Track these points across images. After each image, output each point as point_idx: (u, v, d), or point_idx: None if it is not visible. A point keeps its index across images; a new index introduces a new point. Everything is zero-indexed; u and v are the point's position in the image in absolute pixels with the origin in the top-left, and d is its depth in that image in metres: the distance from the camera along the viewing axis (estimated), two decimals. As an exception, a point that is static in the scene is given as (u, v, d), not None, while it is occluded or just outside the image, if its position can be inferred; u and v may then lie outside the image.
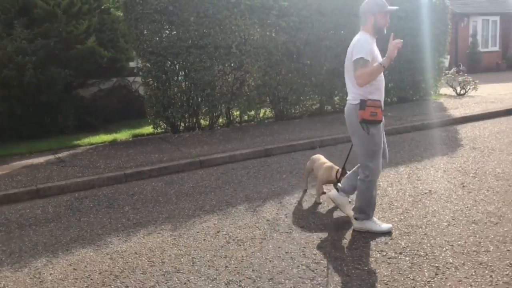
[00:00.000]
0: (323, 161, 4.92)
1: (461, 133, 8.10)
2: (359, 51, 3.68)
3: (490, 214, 4.21)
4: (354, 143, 4.00)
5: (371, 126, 3.76)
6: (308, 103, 10.55)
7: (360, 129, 3.80)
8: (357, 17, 10.35)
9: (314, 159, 5.09)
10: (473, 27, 22.38)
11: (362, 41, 3.76)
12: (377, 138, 3.83)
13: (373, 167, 3.86)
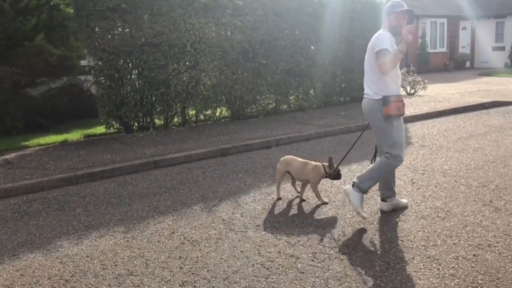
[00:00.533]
0: (302, 161, 4.80)
1: (411, 131, 8.38)
2: (381, 43, 3.96)
3: (438, 209, 4.38)
4: (376, 133, 4.24)
5: (394, 119, 4.03)
6: (264, 102, 10.62)
7: (383, 123, 4.06)
8: (312, 17, 10.50)
9: (287, 160, 4.88)
10: (422, 29, 23.19)
11: (382, 36, 4.04)
12: (400, 129, 4.12)
13: (397, 155, 4.10)
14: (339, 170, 4.61)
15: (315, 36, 10.50)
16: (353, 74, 11.54)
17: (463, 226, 3.95)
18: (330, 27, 10.66)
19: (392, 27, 4.08)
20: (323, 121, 9.22)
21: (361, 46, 11.25)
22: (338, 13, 10.72)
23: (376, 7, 11.45)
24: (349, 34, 11.09)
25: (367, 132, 8.02)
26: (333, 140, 7.92)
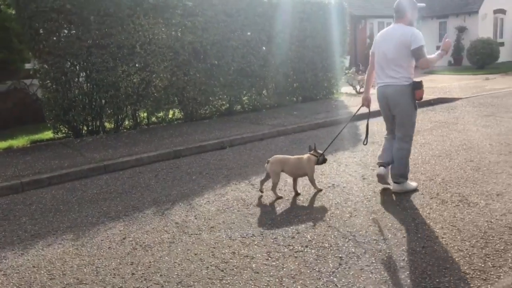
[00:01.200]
0: (295, 157, 4.96)
1: (361, 128, 8.56)
2: (419, 40, 4.44)
3: (388, 203, 4.49)
4: (401, 118, 4.70)
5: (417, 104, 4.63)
6: (217, 103, 10.57)
7: (411, 106, 4.59)
8: (262, 18, 10.53)
9: (281, 160, 4.88)
10: (370, 29, 23.79)
11: (416, 32, 4.49)
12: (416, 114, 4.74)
13: (413, 136, 4.79)
14: (324, 155, 4.96)
15: (266, 36, 10.56)
16: (304, 74, 11.69)
17: (412, 219, 4.07)
18: (280, 28, 10.75)
19: (411, 21, 4.64)
20: (277, 121, 9.28)
21: (312, 46, 11.47)
22: (288, 14, 10.82)
23: (325, 8, 11.66)
24: (300, 34, 11.22)
25: (320, 131, 8.14)
26: (286, 139, 7.98)
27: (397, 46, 4.51)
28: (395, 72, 4.57)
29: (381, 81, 4.77)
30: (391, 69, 4.59)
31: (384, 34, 4.76)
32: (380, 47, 4.70)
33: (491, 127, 7.95)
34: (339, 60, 12.43)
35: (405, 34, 4.49)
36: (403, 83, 4.55)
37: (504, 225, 3.82)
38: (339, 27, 12.12)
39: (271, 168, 4.80)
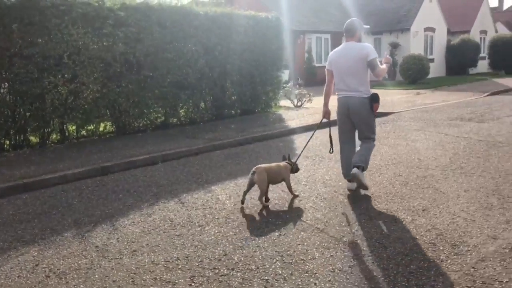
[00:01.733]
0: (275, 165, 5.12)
1: (296, 142, 8.60)
2: (373, 52, 5.01)
3: (318, 220, 4.45)
4: (364, 126, 5.22)
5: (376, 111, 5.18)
6: (152, 116, 10.27)
7: (370, 115, 5.16)
8: (198, 30, 10.38)
9: (266, 169, 4.92)
10: (308, 44, 24.30)
11: (370, 46, 5.12)
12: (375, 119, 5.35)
13: (375, 137, 5.37)
14: (297, 164, 5.32)
15: (203, 49, 10.41)
16: (242, 87, 11.64)
17: (340, 236, 4.04)
18: (218, 41, 10.66)
19: (359, 39, 5.22)
20: (213, 135, 9.13)
21: (250, 60, 11.46)
22: (225, 27, 10.76)
23: (262, 22, 11.71)
24: (238, 48, 11.17)
25: (257, 145, 8.07)
26: (222, 153, 7.84)
27: (357, 61, 5.03)
28: (356, 85, 5.08)
29: (343, 93, 5.26)
30: (352, 82, 5.10)
31: (340, 52, 5.22)
32: (338, 64, 5.19)
33: (420, 141, 8.22)
34: (276, 74, 12.50)
35: (361, 49, 5.03)
36: (363, 95, 5.08)
37: (428, 241, 3.87)
38: (276, 41, 12.21)
39: (258, 177, 4.81)
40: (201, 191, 5.60)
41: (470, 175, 5.91)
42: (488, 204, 4.76)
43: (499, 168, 6.18)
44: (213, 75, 10.79)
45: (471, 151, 7.26)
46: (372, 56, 4.96)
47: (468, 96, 15.78)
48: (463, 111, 11.96)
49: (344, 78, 5.14)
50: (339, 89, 5.30)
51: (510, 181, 5.55)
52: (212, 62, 10.68)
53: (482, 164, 6.44)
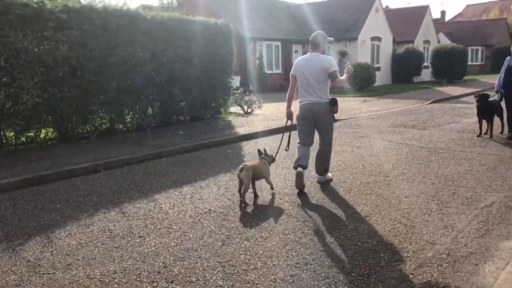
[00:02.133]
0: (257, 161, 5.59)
1: (245, 149, 8.57)
2: (335, 65, 5.64)
3: (262, 229, 4.41)
4: (326, 127, 5.85)
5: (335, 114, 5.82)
6: (97, 122, 9.94)
7: (331, 118, 5.82)
8: (145, 35, 10.15)
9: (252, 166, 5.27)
10: (259, 51, 24.43)
11: (332, 59, 5.77)
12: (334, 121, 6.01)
13: (332, 140, 6.03)
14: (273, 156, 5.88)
15: (150, 54, 10.21)
16: (191, 93, 11.51)
17: (283, 245, 4.01)
18: (165, 46, 10.48)
19: (324, 51, 5.76)
20: (160, 141, 8.93)
21: (199, 66, 11.35)
22: (173, 32, 10.60)
23: (211, 28, 11.63)
24: (186, 53, 11.04)
25: (205, 152, 7.95)
26: (168, 161, 7.67)
27: (319, 71, 5.57)
28: (318, 92, 5.64)
29: (306, 99, 5.75)
30: (314, 89, 5.64)
31: (305, 61, 5.76)
32: (302, 72, 5.69)
33: (364, 148, 8.39)
34: (226, 80, 12.45)
35: (324, 61, 5.61)
36: (325, 100, 5.69)
37: (369, 248, 3.91)
38: (226, 47, 12.16)
39: (246, 174, 5.08)
40: (144, 200, 5.44)
41: (411, 181, 6.07)
42: (427, 210, 4.89)
43: (439, 174, 6.39)
44: (161, 80, 10.60)
45: (413, 158, 7.47)
46: (333, 69, 5.57)
47: (412, 104, 16.34)
48: (407, 118, 12.35)
49: (308, 85, 5.67)
50: (302, 95, 5.78)
51: (449, 187, 5.74)
52: (159, 68, 10.49)
53: (423, 170, 6.64)
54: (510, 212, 4.77)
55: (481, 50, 42.57)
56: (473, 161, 7.15)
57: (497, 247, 3.88)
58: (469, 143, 8.58)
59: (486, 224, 4.43)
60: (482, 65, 41.90)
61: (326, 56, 5.73)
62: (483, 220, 4.53)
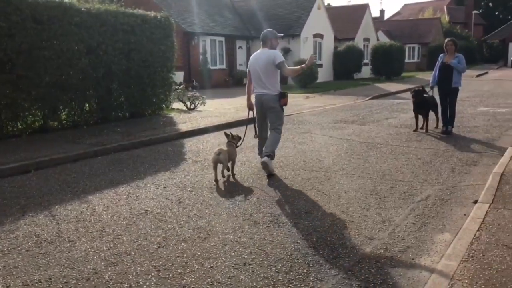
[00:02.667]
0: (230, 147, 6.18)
1: (186, 147, 8.36)
2: (280, 57, 6.14)
3: (201, 229, 4.27)
4: (275, 117, 6.34)
5: (284, 106, 6.36)
6: (29, 119, 9.38)
7: (279, 109, 6.32)
8: (80, 28, 9.67)
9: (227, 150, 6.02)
10: (203, 46, 24.11)
11: (277, 52, 6.24)
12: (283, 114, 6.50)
13: (281, 128, 6.47)
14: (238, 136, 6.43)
15: (86, 47, 9.73)
16: (131, 88, 11.12)
17: (222, 245, 3.90)
18: (102, 39, 10.04)
19: (273, 46, 6.28)
20: (96, 139, 8.55)
21: (138, 60, 10.99)
22: (110, 25, 10.16)
23: (151, 22, 11.26)
24: (124, 47, 10.63)
25: (144, 150, 7.69)
26: (104, 159, 7.34)
27: (267, 65, 6.12)
28: (268, 85, 6.20)
29: (258, 91, 6.36)
30: (264, 82, 6.20)
31: (255, 56, 6.35)
32: (254, 66, 6.28)
33: (306, 143, 8.43)
34: (168, 76, 12.12)
35: (270, 55, 6.15)
36: (274, 93, 6.23)
37: (309, 246, 3.87)
38: (166, 42, 11.81)
39: (224, 157, 5.87)
40: (76, 201, 5.14)
41: (350, 176, 6.13)
42: (366, 205, 4.94)
43: (377, 169, 6.50)
44: (98, 75, 10.13)
45: (353, 153, 7.58)
46: (278, 60, 6.09)
47: (352, 100, 16.70)
48: (347, 114, 12.58)
49: (258, 78, 6.25)
50: (255, 87, 6.39)
51: (387, 181, 5.85)
52: (96, 62, 10.03)
53: (362, 165, 6.74)
54: (444, 205, 4.91)
55: (417, 47, 44.32)
56: (410, 155, 7.35)
57: (433, 241, 3.97)
58: (406, 138, 8.83)
59: (422, 217, 4.53)
60: (418, 62, 43.63)
61: (272, 51, 6.21)
62: (419, 214, 4.63)
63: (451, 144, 8.16)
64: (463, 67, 9.02)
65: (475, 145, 8.12)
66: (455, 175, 6.13)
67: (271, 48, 6.28)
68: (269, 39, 6.26)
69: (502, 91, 19.27)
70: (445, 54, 9.20)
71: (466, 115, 11.79)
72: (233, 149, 6.18)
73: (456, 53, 9.07)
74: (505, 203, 4.67)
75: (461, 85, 9.14)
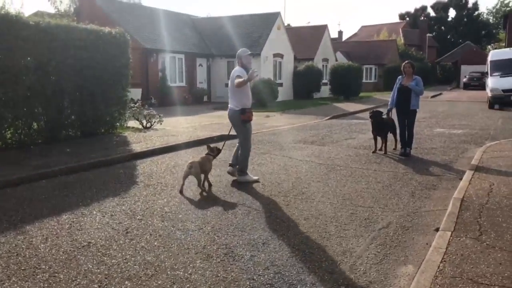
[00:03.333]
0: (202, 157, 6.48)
1: (139, 169, 7.94)
2: (237, 72, 6.57)
3: (148, 264, 3.91)
4: (237, 131, 6.88)
5: (247, 123, 6.74)
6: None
7: (239, 125, 6.72)
8: (27, 42, 9.11)
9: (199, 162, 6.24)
10: (162, 63, 23.69)
11: (239, 69, 6.64)
12: (249, 129, 6.90)
13: (248, 144, 6.90)
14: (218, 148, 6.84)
15: (33, 63, 9.21)
16: (83, 106, 10.59)
17: (170, 284, 3.55)
18: (51, 55, 9.54)
19: (244, 64, 6.73)
20: (43, 160, 8.00)
21: (90, 77, 10.53)
22: (60, 40, 9.67)
23: (105, 37, 10.83)
24: (76, 63, 10.15)
25: (93, 172, 7.18)
26: (49, 183, 6.83)
27: (231, 80, 6.64)
28: (232, 100, 6.72)
29: (228, 105, 6.83)
30: (230, 97, 6.75)
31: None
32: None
33: (265, 165, 8.19)
34: (122, 93, 11.66)
35: (233, 71, 6.69)
36: (236, 108, 6.68)
37: (266, 282, 3.59)
38: (121, 58, 11.37)
39: (195, 171, 6.11)
40: (12, 232, 4.66)
41: (310, 201, 5.91)
42: (326, 233, 4.70)
43: (337, 193, 6.32)
44: (47, 92, 9.58)
45: (312, 175, 7.39)
46: (235, 75, 6.56)
47: (312, 120, 16.68)
48: (307, 134, 12.47)
49: (228, 93, 6.84)
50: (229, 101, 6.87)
51: (347, 207, 5.66)
52: (45, 79, 9.49)
53: (321, 189, 6.54)
54: (406, 233, 4.74)
55: (374, 68, 45.40)
56: (370, 178, 7.23)
57: (395, 274, 3.76)
58: (365, 160, 8.74)
59: (383, 247, 4.33)
60: (375, 83, 44.64)
61: (236, 68, 6.73)
62: (380, 244, 4.43)
63: (410, 167, 8.12)
64: (421, 90, 9.07)
65: (433, 167, 8.11)
66: (415, 200, 6.02)
67: (242, 66, 6.73)
68: (239, 57, 6.77)
69: (456, 111, 19.79)
70: (403, 77, 9.24)
71: (423, 136, 11.90)
72: (207, 161, 6.41)
73: (414, 76, 9.12)
74: (466, 231, 4.54)
75: (419, 107, 9.19)
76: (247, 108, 6.71)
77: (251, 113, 6.80)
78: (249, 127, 6.87)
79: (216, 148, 6.79)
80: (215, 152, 6.72)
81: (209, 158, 6.56)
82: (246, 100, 6.76)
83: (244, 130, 6.80)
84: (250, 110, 6.79)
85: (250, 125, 6.91)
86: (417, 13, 75.26)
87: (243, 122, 6.71)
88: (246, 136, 6.85)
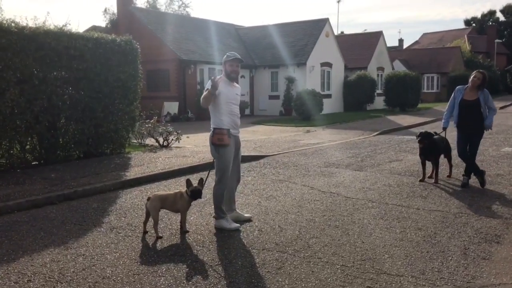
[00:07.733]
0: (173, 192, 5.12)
1: (118, 202, 6.44)
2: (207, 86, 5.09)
3: None
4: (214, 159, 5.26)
5: (220, 148, 5.12)
6: None
7: (213, 150, 5.19)
8: (8, 52, 7.89)
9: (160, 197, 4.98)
10: (200, 75, 22.54)
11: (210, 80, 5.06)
12: (226, 158, 5.15)
13: (223, 178, 5.18)
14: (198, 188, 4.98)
15: (16, 76, 8.03)
16: (81, 124, 9.31)
17: None
18: (39, 66, 8.34)
19: (227, 72, 5.22)
20: (10, 190, 6.72)
21: (89, 91, 9.27)
22: (49, 49, 8.43)
23: (106, 46, 9.52)
24: (71, 75, 8.93)
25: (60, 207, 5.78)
26: (11, 219, 5.49)
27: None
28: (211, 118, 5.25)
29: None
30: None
31: None
32: None
33: (276, 199, 6.46)
34: (130, 109, 10.29)
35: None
36: (212, 128, 5.19)
37: None
38: (128, 69, 9.99)
39: (151, 205, 4.85)
40: None
41: (314, 262, 4.14)
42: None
43: (356, 248, 4.49)
44: (34, 108, 8.37)
45: (331, 216, 5.57)
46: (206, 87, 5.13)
47: (357, 135, 14.65)
48: (344, 155, 10.54)
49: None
50: None
51: (365, 275, 3.86)
52: (32, 93, 8.28)
53: (337, 240, 4.74)
54: None
55: (436, 77, 42.05)
56: (408, 222, 5.32)
57: None
58: (408, 192, 6.78)
59: None
60: (437, 93, 41.30)
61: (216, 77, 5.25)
62: None
63: (466, 204, 6.09)
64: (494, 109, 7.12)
65: (498, 205, 6.03)
66: (468, 263, 4.08)
67: (225, 75, 5.27)
68: (223, 63, 5.30)
69: (530, 125, 17.00)
70: (464, 87, 7.16)
71: (487, 157, 9.64)
72: (177, 198, 4.97)
73: (480, 90, 7.01)
74: None
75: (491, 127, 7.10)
76: (219, 128, 5.10)
77: (224, 135, 5.07)
78: (224, 154, 5.14)
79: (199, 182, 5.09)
80: (191, 189, 4.95)
81: (181, 194, 5.00)
82: (225, 117, 5.14)
83: (217, 158, 5.17)
84: (222, 131, 5.08)
85: (229, 151, 5.17)
86: (484, 18, 70.21)
87: (215, 147, 5.14)
88: (220, 167, 5.17)
